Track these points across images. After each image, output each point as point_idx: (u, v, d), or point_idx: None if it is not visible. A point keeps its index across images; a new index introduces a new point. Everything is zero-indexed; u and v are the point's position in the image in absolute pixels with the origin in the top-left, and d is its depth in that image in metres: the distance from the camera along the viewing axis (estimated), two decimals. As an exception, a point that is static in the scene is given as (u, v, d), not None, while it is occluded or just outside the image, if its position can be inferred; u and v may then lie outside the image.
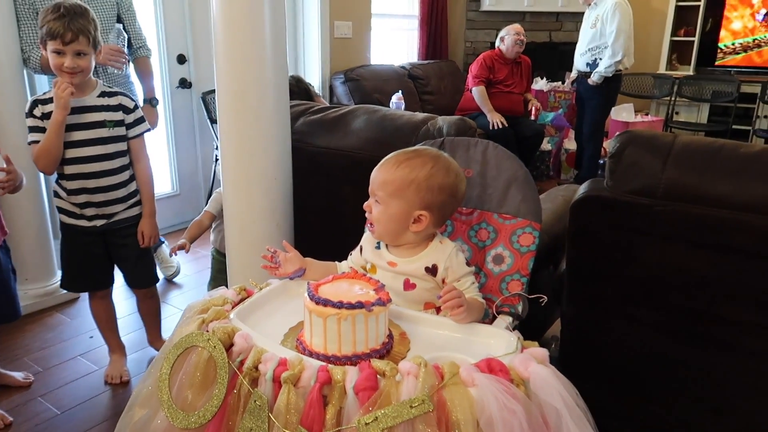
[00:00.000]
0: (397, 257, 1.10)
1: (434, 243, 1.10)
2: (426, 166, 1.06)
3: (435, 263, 1.08)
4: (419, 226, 1.06)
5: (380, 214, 1.08)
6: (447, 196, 1.07)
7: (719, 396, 1.44)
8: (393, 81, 4.49)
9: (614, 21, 3.98)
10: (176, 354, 0.95)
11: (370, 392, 0.80)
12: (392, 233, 1.09)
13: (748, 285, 1.31)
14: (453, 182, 1.07)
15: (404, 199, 1.05)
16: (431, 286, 1.09)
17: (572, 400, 0.84)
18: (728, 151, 1.30)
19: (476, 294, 1.08)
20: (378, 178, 1.08)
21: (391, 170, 1.07)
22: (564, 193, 2.15)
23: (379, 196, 1.08)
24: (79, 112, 1.70)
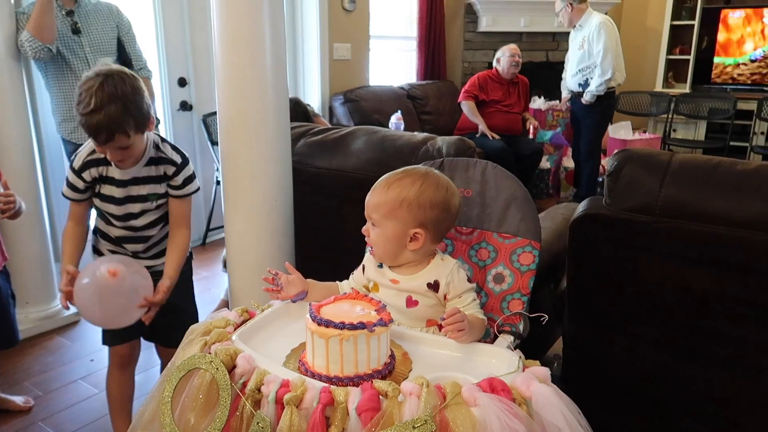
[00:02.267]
0: (399, 275, 1.12)
1: (435, 260, 1.11)
2: (415, 185, 1.08)
3: (437, 279, 1.09)
4: (416, 244, 1.08)
5: (377, 236, 1.10)
6: (440, 211, 1.08)
7: (721, 413, 1.43)
8: (392, 101, 4.53)
9: (600, 40, 4.03)
10: (179, 376, 0.95)
11: (373, 413, 0.80)
12: (391, 254, 1.10)
13: (748, 301, 1.31)
14: (444, 197, 1.09)
15: (398, 219, 1.07)
16: (433, 302, 1.10)
17: (574, 419, 0.84)
18: (725, 168, 1.31)
19: (477, 311, 1.08)
20: (371, 202, 1.10)
21: (382, 193, 1.09)
22: (564, 211, 2.16)
23: (374, 218, 1.09)
24: (124, 185, 1.52)
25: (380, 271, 1.14)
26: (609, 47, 4.03)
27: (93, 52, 2.48)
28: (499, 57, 4.36)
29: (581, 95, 4.24)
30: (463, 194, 1.25)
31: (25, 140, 2.41)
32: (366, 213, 1.11)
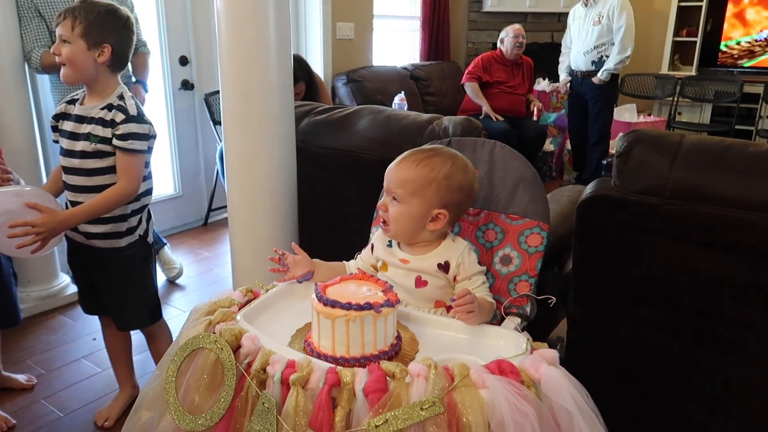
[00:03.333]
0: (410, 255, 1.10)
1: (447, 241, 1.10)
2: (446, 165, 1.06)
3: (447, 260, 1.08)
4: (437, 225, 1.07)
5: (399, 213, 1.07)
6: (464, 195, 1.08)
7: (727, 397, 1.43)
8: (395, 82, 4.48)
9: (622, 16, 3.97)
10: (183, 356, 0.94)
11: (380, 394, 0.79)
12: (410, 232, 1.08)
13: (757, 285, 1.30)
14: (470, 181, 1.09)
15: (424, 198, 1.05)
16: (443, 283, 1.09)
17: (584, 402, 0.84)
18: (737, 150, 1.29)
19: (486, 294, 1.07)
20: (397, 177, 1.07)
21: (411, 168, 1.06)
22: (569, 193, 2.15)
23: (398, 194, 1.07)
24: (77, 120, 1.56)
25: (390, 250, 1.12)
26: (631, 25, 3.98)
27: None
28: (502, 38, 4.31)
29: (591, 75, 4.17)
30: (471, 174, 1.24)
31: (26, 119, 2.38)
32: (387, 187, 1.09)
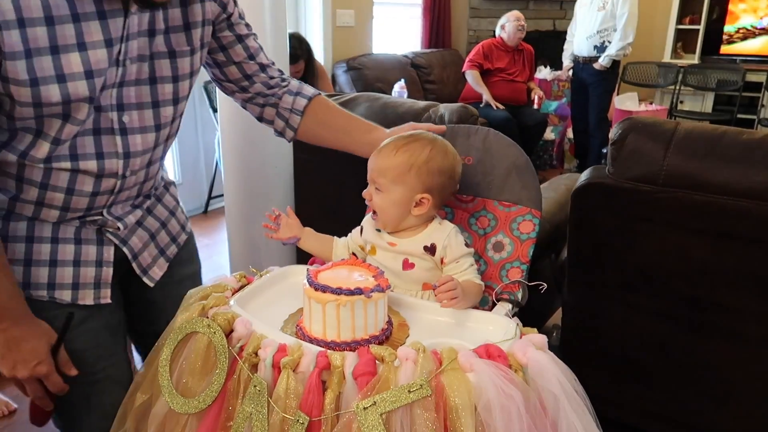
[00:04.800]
0: (397, 238, 1.11)
1: (434, 224, 1.11)
2: (425, 150, 1.07)
3: (434, 242, 1.08)
4: (421, 209, 1.07)
5: (382, 201, 1.08)
6: (446, 178, 1.08)
7: (720, 383, 1.44)
8: (395, 70, 4.47)
9: (626, 4, 3.98)
10: (176, 340, 0.95)
11: (369, 377, 0.80)
12: (395, 219, 1.09)
13: (749, 272, 1.31)
14: (451, 164, 1.09)
15: (406, 184, 1.06)
16: (430, 266, 1.10)
17: (570, 386, 0.84)
18: (730, 138, 1.30)
19: (474, 276, 1.08)
20: (377, 166, 1.08)
21: (390, 156, 1.07)
22: (566, 182, 2.15)
23: (380, 183, 1.08)
24: None
25: (378, 234, 1.13)
26: (634, 12, 3.99)
27: None
28: (503, 24, 4.29)
29: (593, 60, 4.17)
30: (464, 161, 1.24)
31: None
32: (370, 177, 1.10)
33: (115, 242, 1.08)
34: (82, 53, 0.87)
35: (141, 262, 1.14)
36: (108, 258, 1.08)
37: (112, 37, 0.90)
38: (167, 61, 1.01)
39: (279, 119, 1.23)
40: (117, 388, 1.08)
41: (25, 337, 0.95)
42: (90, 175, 0.98)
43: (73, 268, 1.04)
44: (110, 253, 1.08)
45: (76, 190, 0.98)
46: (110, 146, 0.98)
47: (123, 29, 0.91)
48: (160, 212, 1.18)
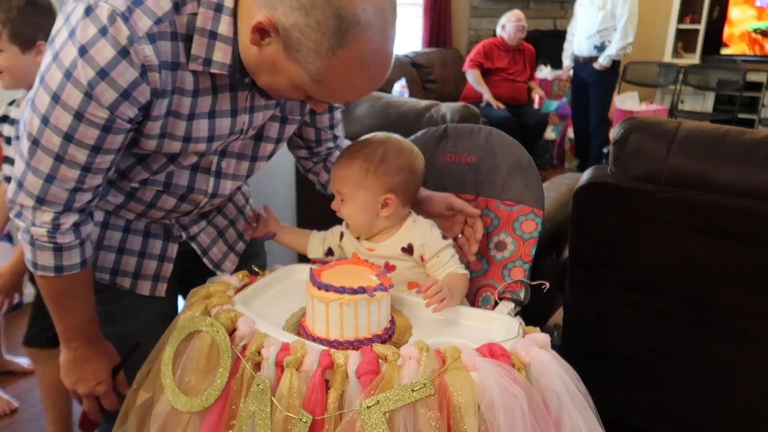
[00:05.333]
0: (375, 243, 1.12)
1: (408, 223, 1.11)
2: (378, 151, 1.08)
3: (410, 242, 1.09)
4: (389, 210, 1.08)
5: (349, 209, 1.10)
6: (406, 174, 1.08)
7: (721, 382, 1.44)
8: (396, 69, 4.46)
9: (626, 4, 3.98)
10: (179, 338, 0.95)
11: (372, 376, 0.80)
12: (366, 224, 1.10)
13: (751, 272, 1.31)
14: (408, 161, 1.09)
15: (367, 189, 1.07)
16: (411, 264, 1.11)
17: (573, 385, 0.84)
18: (733, 137, 1.30)
19: (457, 267, 1.08)
20: (338, 177, 1.10)
21: (347, 165, 1.09)
22: (568, 181, 2.15)
23: (344, 192, 1.10)
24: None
25: (357, 241, 1.14)
26: (634, 12, 3.99)
27: None
28: (504, 23, 4.29)
29: (593, 60, 4.18)
30: (466, 161, 1.24)
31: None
32: (333, 189, 1.12)
33: (183, 239, 1.15)
34: (211, 120, 0.94)
35: (212, 257, 1.22)
36: (171, 254, 1.15)
37: (238, 108, 0.96)
38: (278, 125, 1.09)
39: (324, 172, 1.28)
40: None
41: (91, 358, 1.03)
42: (174, 197, 1.05)
43: (137, 259, 1.12)
44: (173, 250, 1.15)
45: (157, 205, 1.05)
46: (202, 184, 1.05)
47: (247, 101, 0.97)
48: (230, 210, 1.24)
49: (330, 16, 0.76)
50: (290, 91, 0.88)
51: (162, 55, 0.82)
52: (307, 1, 0.76)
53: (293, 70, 0.82)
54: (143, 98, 0.83)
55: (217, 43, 0.85)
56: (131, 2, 0.78)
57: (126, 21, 0.77)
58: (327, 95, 0.87)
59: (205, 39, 0.84)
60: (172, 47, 0.83)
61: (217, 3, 0.83)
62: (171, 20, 0.81)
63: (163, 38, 0.81)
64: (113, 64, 0.78)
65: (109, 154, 0.88)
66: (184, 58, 0.85)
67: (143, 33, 0.78)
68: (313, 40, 0.77)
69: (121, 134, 0.86)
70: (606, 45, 4.13)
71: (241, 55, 0.87)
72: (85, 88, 0.79)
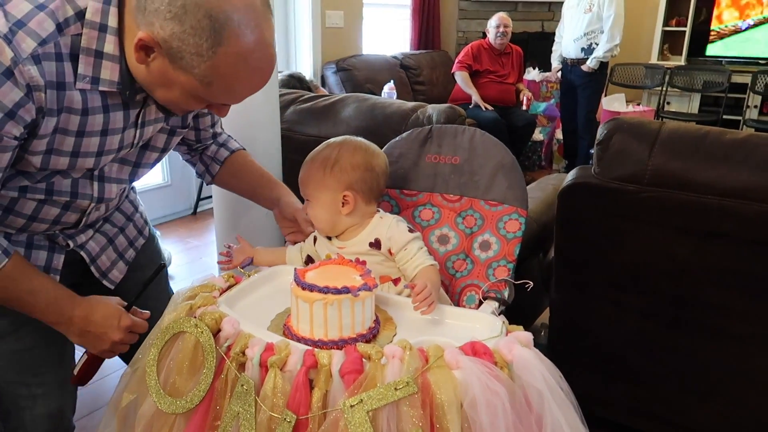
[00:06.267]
0: (344, 242, 1.15)
1: (374, 219, 1.15)
2: (333, 152, 1.13)
3: (377, 237, 1.12)
4: (349, 207, 1.12)
5: (313, 209, 1.15)
6: (362, 171, 1.12)
7: (705, 380, 1.46)
8: (385, 71, 4.48)
9: (612, 5, 4.01)
10: (164, 339, 0.95)
11: (356, 375, 0.81)
12: (328, 222, 1.14)
13: (734, 270, 1.32)
14: (363, 158, 1.14)
15: (327, 188, 1.12)
16: (380, 259, 1.13)
17: (555, 382, 0.85)
18: (713, 137, 1.31)
19: (426, 258, 1.11)
20: (301, 181, 1.16)
21: (307, 168, 1.15)
22: (554, 182, 2.16)
23: (307, 194, 1.15)
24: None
25: (329, 242, 1.17)
26: (620, 14, 4.02)
27: None
28: (488, 27, 4.33)
29: (581, 62, 4.21)
30: (450, 161, 1.25)
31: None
32: (301, 193, 1.17)
33: (70, 247, 1.11)
34: (102, 138, 0.95)
35: (99, 265, 1.18)
36: (57, 265, 1.10)
37: (128, 124, 0.98)
38: (165, 136, 1.12)
39: (201, 164, 1.32)
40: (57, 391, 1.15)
41: (91, 311, 1.00)
42: (57, 206, 1.02)
43: None
44: (60, 260, 1.10)
45: (38, 217, 1.02)
46: (86, 188, 1.03)
47: (138, 117, 0.99)
48: (118, 219, 1.22)
49: (202, 17, 0.79)
50: (188, 102, 0.91)
51: (47, 75, 0.83)
52: (179, 9, 0.79)
53: (183, 80, 0.85)
54: (29, 116, 0.83)
55: (104, 62, 0.87)
56: (13, 23, 0.79)
57: (9, 43, 0.78)
58: (221, 96, 0.89)
59: (92, 58, 0.86)
60: (58, 67, 0.84)
61: (101, 23, 0.85)
62: (55, 41, 0.83)
63: (48, 59, 0.82)
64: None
65: None
66: (71, 78, 0.86)
67: (27, 54, 0.80)
68: (192, 44, 0.80)
69: (8, 152, 0.86)
70: (593, 47, 4.16)
71: (133, 74, 0.89)
72: None
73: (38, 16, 0.81)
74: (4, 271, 0.92)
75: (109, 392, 1.83)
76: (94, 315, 1.00)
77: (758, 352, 1.37)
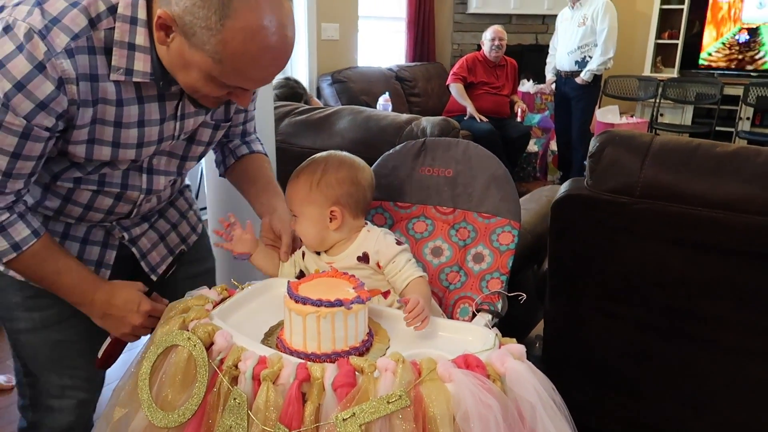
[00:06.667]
0: (333, 257, 1.15)
1: (362, 233, 1.14)
2: (319, 167, 1.12)
3: (365, 251, 1.12)
4: (337, 223, 1.11)
5: (300, 225, 1.14)
6: (348, 186, 1.12)
7: (698, 391, 1.46)
8: (380, 83, 4.50)
9: (606, 19, 4.05)
10: (156, 353, 0.95)
11: (348, 389, 0.81)
12: (317, 238, 1.13)
13: (725, 282, 1.33)
14: (348, 173, 1.13)
15: (313, 203, 1.11)
16: (369, 272, 1.13)
17: (548, 395, 0.85)
18: (704, 150, 1.33)
19: (415, 270, 1.10)
20: (288, 197, 1.15)
21: (294, 184, 1.14)
22: (548, 193, 2.18)
23: (295, 210, 1.14)
24: None
25: (317, 257, 1.16)
26: (613, 27, 4.06)
27: None
28: (483, 39, 4.36)
29: (575, 75, 4.24)
30: (443, 174, 1.25)
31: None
32: (288, 209, 1.17)
33: (123, 242, 1.18)
34: (140, 129, 0.99)
35: (150, 260, 1.23)
36: (108, 260, 1.17)
37: (166, 116, 1.02)
38: (210, 130, 1.15)
39: (220, 153, 1.34)
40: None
41: (113, 294, 1.05)
42: (110, 197, 1.08)
43: None
44: (111, 256, 1.18)
45: (94, 206, 1.08)
46: (135, 180, 1.09)
47: (177, 109, 1.03)
48: (172, 215, 1.28)
49: None
50: (206, 86, 0.92)
51: (80, 68, 0.87)
52: None
53: (198, 58, 0.87)
54: (60, 108, 0.88)
55: (136, 54, 0.91)
56: (49, 21, 0.84)
57: (43, 38, 0.84)
58: (234, 76, 0.90)
59: (125, 51, 0.90)
60: (91, 60, 0.89)
61: (132, 16, 0.89)
62: (88, 35, 0.87)
63: (81, 52, 0.87)
64: (29, 77, 0.84)
65: (29, 161, 0.92)
66: (104, 70, 0.91)
67: (61, 48, 0.85)
68: (202, 17, 0.82)
69: (40, 142, 0.91)
70: (587, 60, 4.20)
71: (162, 62, 0.92)
72: (2, 99, 0.84)
73: (72, 12, 0.86)
74: (33, 249, 0.98)
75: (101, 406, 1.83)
76: (115, 299, 1.05)
77: (750, 364, 1.37)
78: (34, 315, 1.13)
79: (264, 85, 0.98)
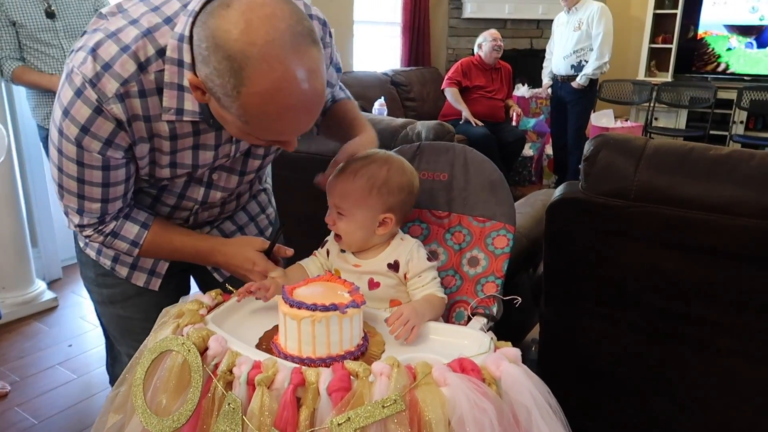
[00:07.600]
0: (361, 259, 1.12)
1: (395, 240, 1.12)
2: (382, 170, 1.08)
3: (396, 259, 1.10)
4: (385, 229, 1.09)
5: (347, 225, 1.09)
6: (406, 194, 1.09)
7: (693, 394, 1.46)
8: (376, 87, 4.51)
9: (601, 23, 4.07)
10: (151, 358, 0.95)
11: (343, 393, 0.81)
12: (360, 241, 1.10)
13: (720, 285, 1.33)
14: (409, 180, 1.11)
15: (368, 207, 1.06)
16: (395, 282, 1.11)
17: (543, 399, 0.85)
18: (698, 153, 1.33)
19: (437, 290, 1.09)
20: (338, 191, 1.08)
21: (349, 180, 1.07)
22: (543, 197, 2.18)
23: (343, 207, 1.08)
24: None
25: (343, 256, 1.14)
26: (609, 32, 4.09)
27: (68, 38, 2.40)
28: (480, 43, 4.37)
29: (571, 79, 4.26)
30: (439, 178, 1.26)
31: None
32: (331, 203, 1.10)
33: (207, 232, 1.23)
34: (195, 152, 1.03)
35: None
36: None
37: (221, 142, 1.05)
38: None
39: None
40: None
41: (232, 255, 1.12)
42: (166, 206, 1.15)
43: None
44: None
45: (155, 209, 1.15)
46: (193, 193, 1.13)
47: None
48: (253, 208, 1.33)
49: (221, 59, 0.80)
50: (247, 138, 0.94)
51: (132, 110, 0.92)
52: (204, 51, 0.82)
53: (229, 117, 0.87)
54: (125, 143, 0.95)
55: (185, 95, 0.93)
56: (101, 67, 0.88)
57: (93, 86, 0.88)
58: (263, 133, 0.90)
59: (175, 92, 0.93)
60: (142, 103, 0.92)
61: (179, 59, 0.90)
62: (137, 80, 0.90)
63: (132, 96, 0.91)
64: (91, 120, 0.90)
65: (118, 185, 1.00)
66: (157, 110, 0.94)
67: (112, 94, 0.89)
68: (220, 85, 0.82)
69: (121, 168, 0.98)
70: (583, 64, 4.21)
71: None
72: (75, 141, 0.91)
73: (122, 58, 0.89)
74: (149, 239, 1.08)
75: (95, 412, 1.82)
76: (233, 260, 1.12)
77: (745, 366, 1.38)
78: (103, 291, 1.24)
79: (300, 134, 0.94)
